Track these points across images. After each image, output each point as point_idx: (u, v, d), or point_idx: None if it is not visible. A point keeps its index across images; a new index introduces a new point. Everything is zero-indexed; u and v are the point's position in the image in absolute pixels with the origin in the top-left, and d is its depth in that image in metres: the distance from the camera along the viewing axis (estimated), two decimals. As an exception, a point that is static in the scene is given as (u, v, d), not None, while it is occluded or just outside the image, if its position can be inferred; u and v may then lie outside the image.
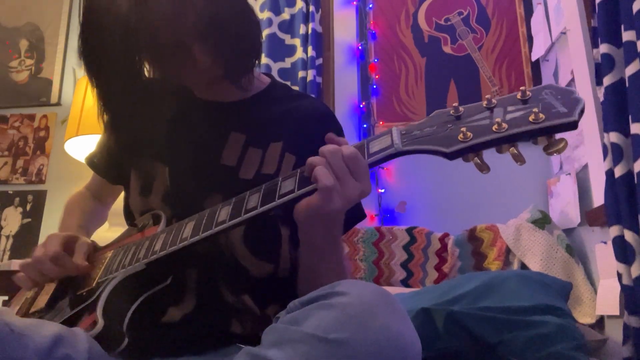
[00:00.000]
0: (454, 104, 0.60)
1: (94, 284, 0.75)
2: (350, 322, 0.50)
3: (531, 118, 0.52)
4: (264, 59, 2.24)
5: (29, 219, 2.35)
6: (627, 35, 1.18)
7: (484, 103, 0.57)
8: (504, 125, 0.53)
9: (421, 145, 0.58)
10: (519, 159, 0.55)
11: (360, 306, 0.51)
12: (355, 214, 0.90)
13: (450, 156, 0.56)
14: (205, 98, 0.90)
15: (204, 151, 0.84)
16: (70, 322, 0.70)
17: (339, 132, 0.93)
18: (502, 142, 0.54)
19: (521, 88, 0.56)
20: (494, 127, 0.54)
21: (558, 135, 0.53)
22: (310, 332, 0.50)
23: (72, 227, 0.93)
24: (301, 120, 0.88)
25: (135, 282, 0.72)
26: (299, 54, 2.25)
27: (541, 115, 0.52)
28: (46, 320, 0.75)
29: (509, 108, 0.55)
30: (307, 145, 0.83)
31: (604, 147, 1.30)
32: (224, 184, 0.80)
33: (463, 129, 0.55)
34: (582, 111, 0.51)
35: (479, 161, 0.56)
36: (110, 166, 0.96)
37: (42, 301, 0.83)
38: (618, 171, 1.20)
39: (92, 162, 0.99)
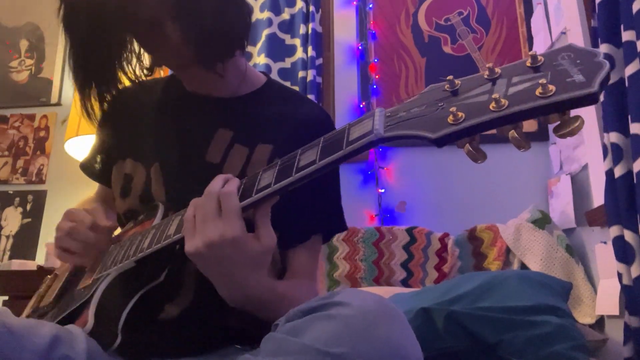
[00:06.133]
0: (449, 77, 0.49)
1: (90, 281, 0.75)
2: (351, 335, 0.49)
3: (538, 92, 0.42)
4: (264, 59, 2.24)
5: (29, 219, 2.35)
6: (627, 35, 1.18)
7: (486, 73, 0.47)
8: (504, 101, 0.43)
9: (404, 130, 0.49)
10: (521, 144, 0.45)
11: (361, 318, 0.50)
12: (333, 224, 0.90)
13: (438, 142, 0.46)
14: (196, 92, 0.88)
15: (189, 147, 0.83)
16: (70, 318, 0.70)
17: None
18: (501, 123, 0.44)
19: (531, 52, 0.45)
20: (492, 105, 0.43)
21: (574, 112, 0.43)
22: (310, 344, 0.49)
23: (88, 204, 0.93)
24: (295, 124, 0.85)
25: (129, 280, 0.71)
26: (299, 54, 2.25)
27: (550, 87, 0.41)
28: (50, 315, 0.76)
29: (514, 79, 0.45)
30: None
31: (604, 147, 1.30)
32: (207, 182, 0.80)
33: (453, 108, 0.45)
34: (604, 80, 0.40)
35: (471, 149, 0.46)
36: (103, 168, 0.95)
37: (50, 296, 0.84)
38: (618, 171, 1.20)
39: (85, 167, 0.99)
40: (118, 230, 0.89)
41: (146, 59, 0.85)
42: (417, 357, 0.52)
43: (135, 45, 0.80)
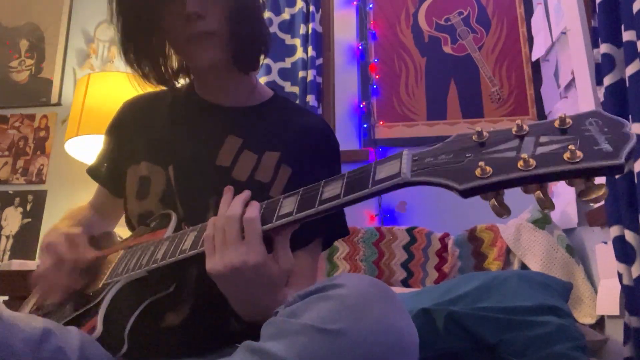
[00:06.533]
0: (477, 128, 0.50)
1: (100, 285, 0.75)
2: (347, 313, 0.50)
3: (566, 156, 0.43)
4: (264, 59, 2.23)
5: (29, 219, 2.34)
6: (627, 35, 1.18)
7: (514, 129, 0.48)
8: (532, 162, 0.44)
9: (431, 177, 0.50)
10: (546, 205, 0.47)
11: (357, 297, 0.52)
12: (335, 230, 0.92)
13: (464, 194, 0.47)
14: (207, 100, 0.91)
15: (200, 151, 0.85)
16: (75, 322, 0.70)
17: (336, 151, 0.94)
18: (527, 183, 0.45)
19: (560, 115, 0.46)
20: (519, 164, 0.45)
21: (598, 180, 0.44)
22: (308, 323, 0.50)
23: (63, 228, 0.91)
24: (300, 134, 0.89)
25: (139, 288, 0.72)
26: (299, 54, 2.25)
27: (579, 153, 0.43)
28: (55, 316, 0.77)
29: (542, 139, 0.46)
30: (303, 160, 0.86)
31: (604, 147, 1.29)
32: (218, 185, 0.80)
33: (482, 163, 0.47)
34: (631, 152, 0.42)
35: (496, 203, 0.48)
36: (110, 174, 0.96)
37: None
38: (618, 171, 1.20)
39: (92, 171, 1.00)
40: (128, 233, 0.90)
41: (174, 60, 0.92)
42: (411, 335, 0.53)
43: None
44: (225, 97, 0.91)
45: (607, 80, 1.26)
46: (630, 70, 1.16)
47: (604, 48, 1.29)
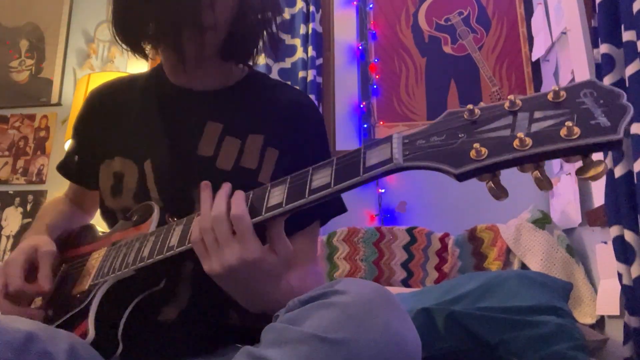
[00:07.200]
0: (469, 105, 0.48)
1: (86, 287, 0.73)
2: (350, 322, 0.50)
3: (563, 133, 0.41)
4: (264, 59, 2.24)
5: (29, 219, 2.35)
6: (627, 35, 1.18)
7: (506, 104, 0.46)
8: (528, 140, 0.42)
9: (424, 161, 0.48)
10: (543, 185, 0.45)
11: (360, 305, 0.51)
12: (332, 208, 0.88)
13: (460, 177, 0.45)
14: (181, 85, 0.87)
15: (180, 142, 0.82)
16: (65, 326, 0.68)
17: (320, 124, 0.91)
18: (525, 162, 0.44)
19: (554, 87, 0.44)
20: (515, 143, 0.43)
21: (596, 156, 0.42)
22: (310, 332, 0.50)
23: (41, 228, 0.87)
24: (282, 112, 0.85)
25: (128, 287, 0.70)
26: (299, 54, 2.25)
27: (576, 129, 0.41)
28: (42, 319, 0.75)
29: (537, 114, 0.44)
30: (289, 139, 0.82)
31: (604, 147, 1.29)
32: (202, 177, 0.79)
33: (476, 144, 0.45)
34: (629, 124, 0.40)
35: (493, 185, 0.46)
36: (82, 170, 0.92)
37: (39, 298, 0.81)
38: (618, 171, 1.20)
39: (62, 168, 0.96)
40: (106, 228, 0.88)
41: None
42: (415, 344, 0.53)
43: None
44: (199, 80, 0.85)
45: (607, 80, 1.26)
46: (630, 70, 1.16)
47: (604, 48, 1.29)
